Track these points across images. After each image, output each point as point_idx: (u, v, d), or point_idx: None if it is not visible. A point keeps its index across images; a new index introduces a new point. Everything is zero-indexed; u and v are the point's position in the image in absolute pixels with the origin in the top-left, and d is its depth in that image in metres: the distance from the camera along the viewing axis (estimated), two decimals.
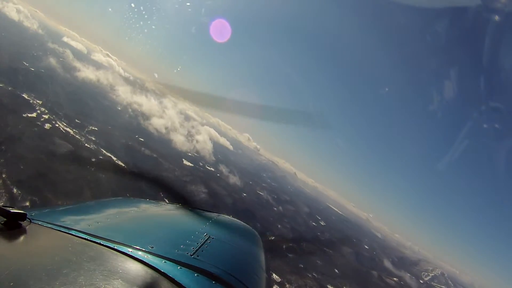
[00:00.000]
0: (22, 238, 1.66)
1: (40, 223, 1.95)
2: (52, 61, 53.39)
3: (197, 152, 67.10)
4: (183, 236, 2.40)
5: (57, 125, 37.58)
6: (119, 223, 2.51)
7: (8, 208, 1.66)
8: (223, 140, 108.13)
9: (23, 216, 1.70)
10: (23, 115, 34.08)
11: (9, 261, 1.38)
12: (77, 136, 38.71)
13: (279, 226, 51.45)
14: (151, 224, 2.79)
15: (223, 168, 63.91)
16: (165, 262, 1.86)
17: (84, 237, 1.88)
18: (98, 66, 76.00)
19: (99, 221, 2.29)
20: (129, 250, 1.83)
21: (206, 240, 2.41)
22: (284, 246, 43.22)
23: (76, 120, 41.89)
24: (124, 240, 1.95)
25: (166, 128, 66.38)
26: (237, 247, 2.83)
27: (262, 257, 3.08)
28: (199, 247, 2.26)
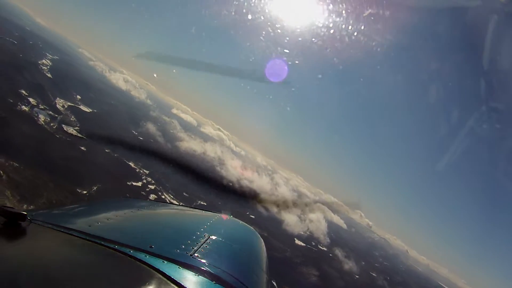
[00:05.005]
0: (22, 238, 1.63)
1: (40, 223, 1.89)
2: (159, 131, 52.63)
3: (310, 231, 59.43)
4: (183, 236, 2.38)
5: (163, 196, 33.13)
6: (119, 223, 2.46)
7: (8, 208, 1.63)
8: (336, 218, 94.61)
9: (23, 216, 1.66)
10: (128, 183, 30.35)
11: (9, 261, 1.36)
12: None
13: None
14: (151, 224, 2.80)
15: (336, 248, 57.87)
16: (165, 262, 1.81)
17: (84, 237, 1.84)
18: (207, 138, 75.08)
19: (99, 221, 2.25)
20: (129, 250, 1.79)
21: (206, 240, 2.37)
22: None
23: (184, 193, 36.58)
24: (124, 240, 1.91)
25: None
26: (237, 247, 2.78)
27: (263, 257, 3.00)
28: (199, 247, 2.21)
